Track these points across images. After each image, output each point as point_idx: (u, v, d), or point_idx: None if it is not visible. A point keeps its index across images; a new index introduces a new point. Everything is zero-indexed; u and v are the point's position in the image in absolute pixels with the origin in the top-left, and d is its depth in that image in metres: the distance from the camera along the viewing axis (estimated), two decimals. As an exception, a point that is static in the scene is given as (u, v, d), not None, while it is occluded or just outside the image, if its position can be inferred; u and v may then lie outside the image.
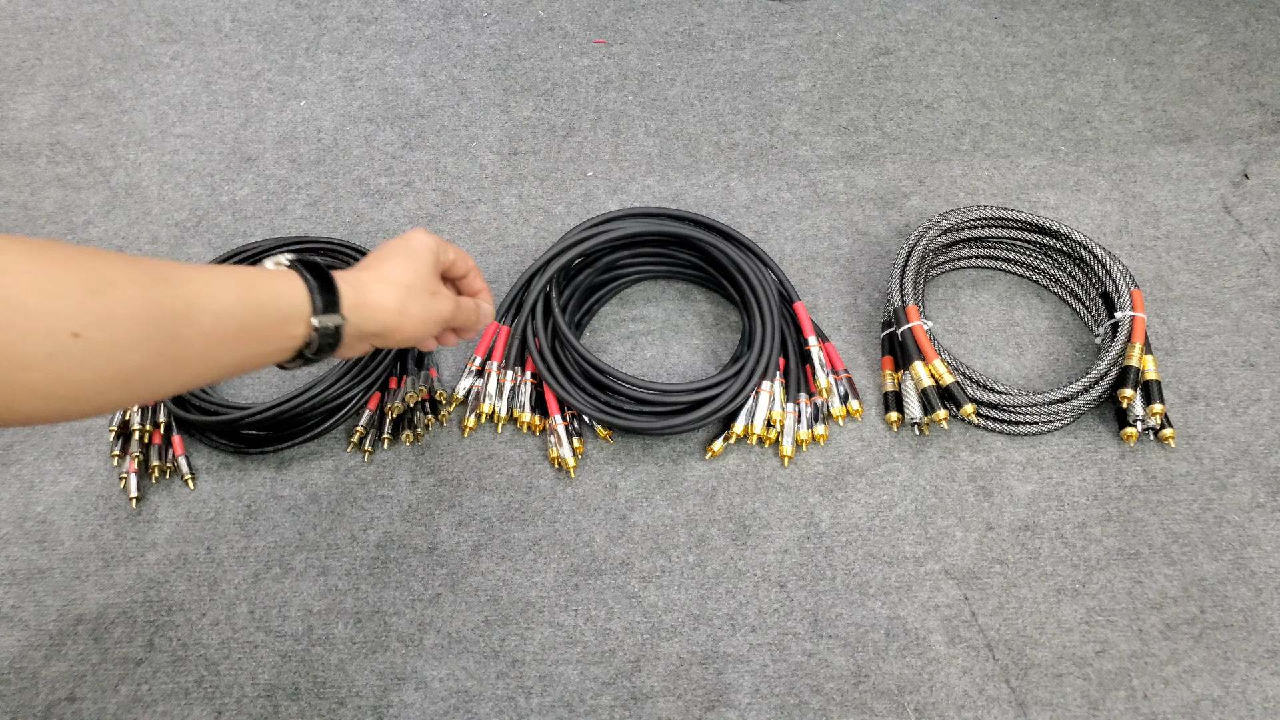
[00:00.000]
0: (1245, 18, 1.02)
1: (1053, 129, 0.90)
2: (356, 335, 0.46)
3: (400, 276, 0.49)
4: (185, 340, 0.38)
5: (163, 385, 0.39)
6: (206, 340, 0.39)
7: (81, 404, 0.35)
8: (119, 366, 0.35)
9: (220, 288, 0.40)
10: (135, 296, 0.36)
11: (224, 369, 0.41)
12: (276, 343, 0.43)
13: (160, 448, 0.64)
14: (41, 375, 0.33)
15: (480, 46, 1.00)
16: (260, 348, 0.42)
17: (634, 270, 0.75)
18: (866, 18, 1.03)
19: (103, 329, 0.34)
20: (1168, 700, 0.55)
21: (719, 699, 0.55)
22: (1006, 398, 0.64)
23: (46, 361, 0.33)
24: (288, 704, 0.55)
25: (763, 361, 0.65)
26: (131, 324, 0.35)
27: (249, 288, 0.41)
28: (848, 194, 0.84)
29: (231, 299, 0.40)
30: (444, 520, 0.63)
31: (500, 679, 0.56)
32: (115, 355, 0.35)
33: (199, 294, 0.38)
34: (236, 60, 0.98)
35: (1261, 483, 0.64)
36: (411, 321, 0.49)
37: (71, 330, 0.33)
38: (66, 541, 0.62)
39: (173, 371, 0.38)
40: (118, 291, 0.35)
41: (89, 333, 0.33)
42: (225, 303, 0.40)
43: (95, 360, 0.34)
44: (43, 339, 0.32)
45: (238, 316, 0.40)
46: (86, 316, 0.33)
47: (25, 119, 0.91)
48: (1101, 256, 0.70)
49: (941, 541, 0.62)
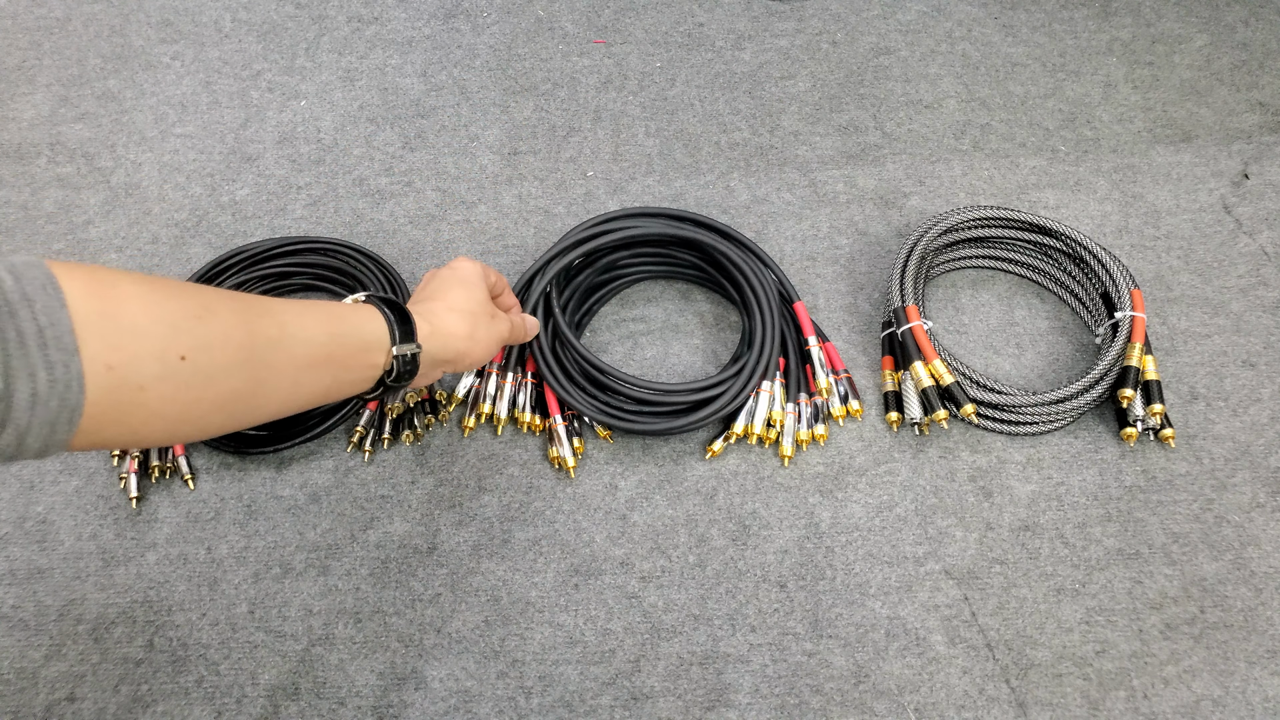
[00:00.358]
0: (1245, 18, 1.02)
1: (1053, 129, 0.90)
2: (431, 362, 0.50)
3: (465, 305, 0.53)
4: (277, 367, 0.41)
5: (256, 410, 0.41)
6: (296, 367, 0.42)
7: (186, 425, 0.38)
8: (219, 389, 0.38)
9: (308, 318, 0.43)
10: (235, 324, 0.38)
11: (311, 396, 0.44)
12: (359, 371, 0.46)
13: (160, 448, 0.64)
14: (154, 395, 0.35)
15: (480, 46, 1.00)
16: (344, 375, 0.45)
17: (634, 270, 0.75)
18: (866, 18, 1.03)
19: (206, 352, 0.37)
20: (1168, 700, 0.55)
21: (719, 699, 0.55)
22: (1006, 398, 0.64)
23: (158, 382, 0.35)
24: (288, 704, 0.55)
25: (763, 362, 0.65)
26: (232, 349, 0.38)
27: (334, 319, 0.45)
28: (848, 194, 0.84)
29: (318, 328, 0.43)
30: (444, 520, 0.63)
31: (500, 679, 0.56)
32: (217, 378, 0.37)
33: (290, 323, 0.41)
34: (236, 60, 0.98)
35: (1261, 483, 0.64)
36: (480, 347, 0.53)
37: (180, 353, 0.35)
38: (66, 541, 0.62)
39: (266, 396, 0.41)
40: (219, 319, 0.38)
41: (194, 355, 0.36)
42: (313, 332, 0.43)
43: (199, 381, 0.36)
44: (155, 360, 0.35)
45: (324, 344, 0.43)
46: (193, 340, 0.36)
47: (25, 119, 0.91)
48: (1101, 256, 0.70)
49: (941, 541, 0.62)
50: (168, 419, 0.36)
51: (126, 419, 0.35)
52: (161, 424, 0.36)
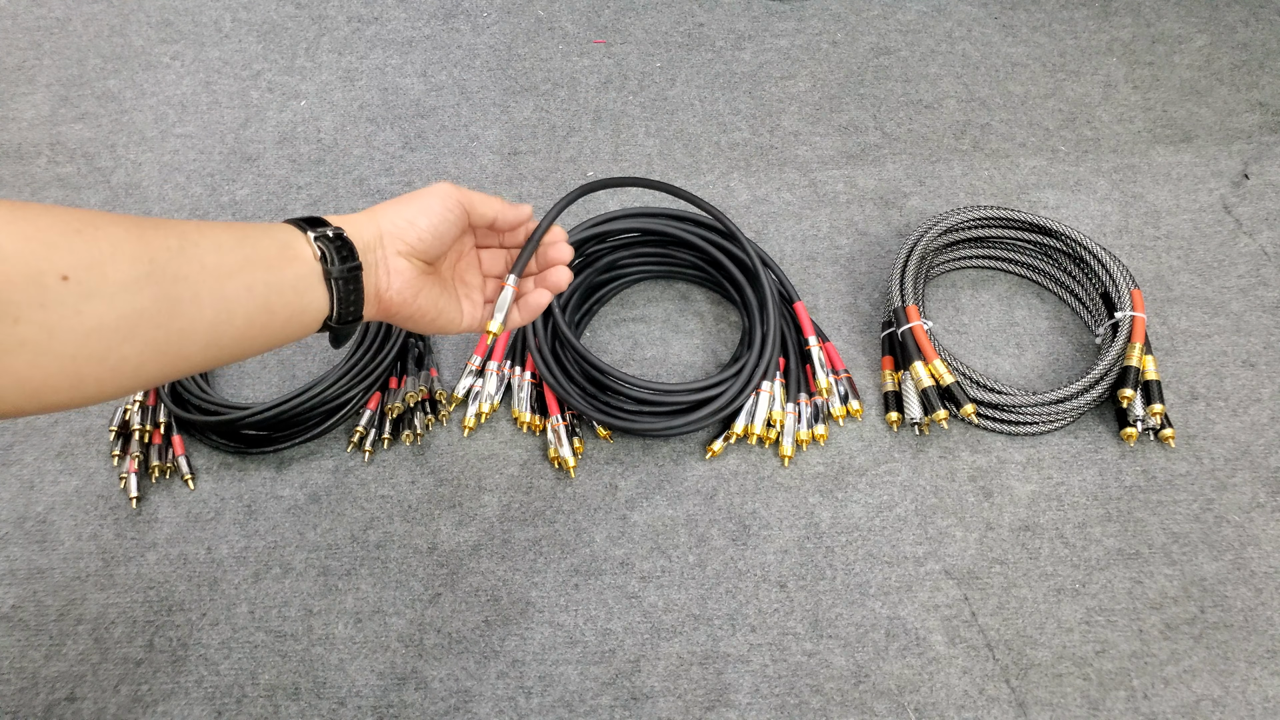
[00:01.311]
0: (1245, 18, 1.02)
1: (1053, 129, 0.90)
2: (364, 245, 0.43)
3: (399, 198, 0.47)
4: (189, 279, 0.35)
5: (182, 336, 0.35)
6: (212, 275, 0.36)
7: (93, 365, 0.32)
8: (120, 311, 0.32)
9: (212, 228, 0.38)
10: (122, 235, 0.33)
11: (249, 313, 0.38)
12: (290, 270, 0.40)
13: (160, 448, 0.64)
14: (35, 328, 0.30)
15: (480, 46, 1.00)
16: (273, 277, 0.39)
17: (634, 270, 0.75)
18: (866, 18, 1.03)
19: (94, 269, 0.31)
20: (1168, 700, 0.55)
21: (719, 699, 0.55)
22: (1006, 398, 0.64)
23: (38, 310, 0.30)
24: (288, 704, 0.55)
25: (763, 362, 0.65)
26: (124, 262, 0.32)
27: (238, 227, 0.40)
28: (848, 194, 0.84)
29: (224, 233, 0.38)
30: (444, 520, 0.63)
31: (500, 679, 0.56)
32: (115, 298, 0.32)
33: (189, 232, 0.36)
34: (236, 60, 0.98)
35: (1261, 483, 0.64)
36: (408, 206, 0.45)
37: (60, 273, 0.30)
38: (66, 541, 0.62)
39: (187, 315, 0.35)
40: (103, 231, 0.32)
41: (79, 274, 0.31)
42: (219, 236, 0.37)
43: (92, 305, 0.31)
44: (28, 285, 0.29)
45: (235, 247, 0.38)
46: (74, 257, 0.31)
47: (25, 119, 0.91)
48: (1101, 256, 0.70)
49: (941, 541, 0.62)
50: (60, 357, 0.31)
51: (6, 362, 0.29)
52: (55, 364, 0.31)
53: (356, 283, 0.42)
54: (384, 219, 0.45)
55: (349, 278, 0.42)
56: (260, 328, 0.39)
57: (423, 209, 0.46)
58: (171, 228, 0.36)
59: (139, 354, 0.34)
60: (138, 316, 0.33)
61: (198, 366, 0.38)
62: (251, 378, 0.71)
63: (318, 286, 0.41)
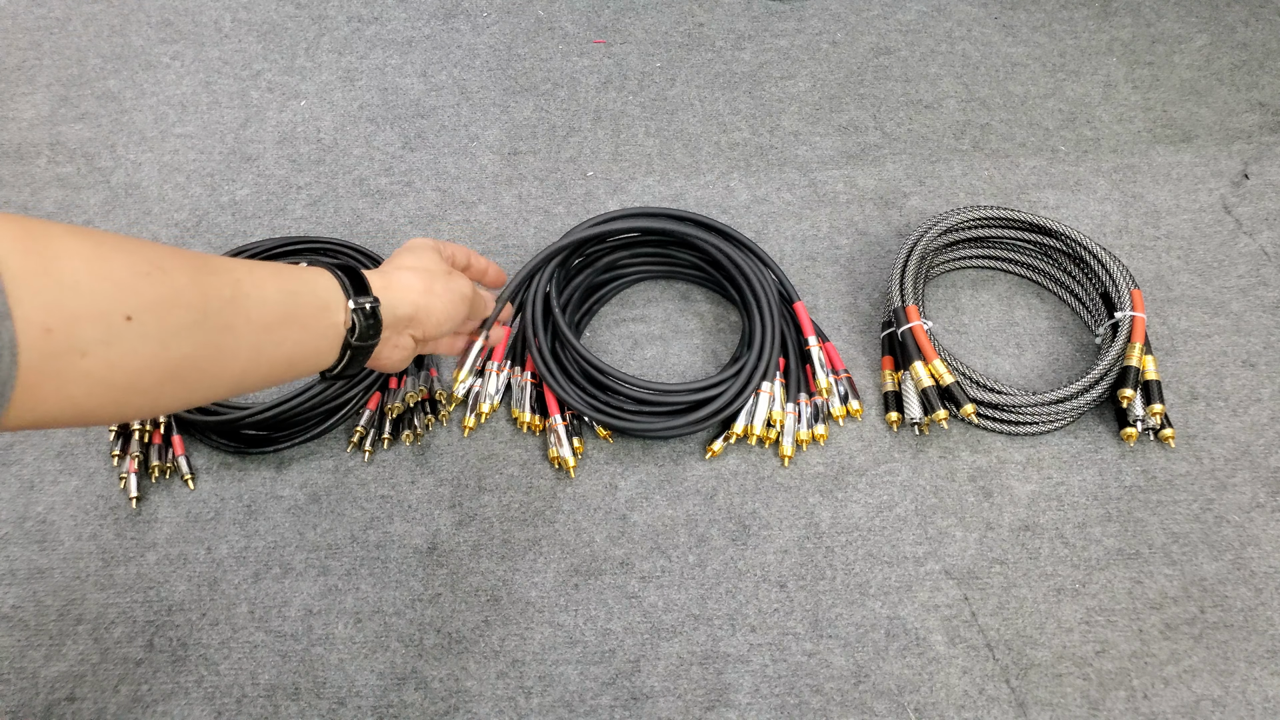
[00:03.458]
0: (1245, 18, 1.02)
1: (1053, 129, 0.90)
2: (393, 321, 0.47)
3: (416, 263, 0.51)
4: (234, 329, 0.37)
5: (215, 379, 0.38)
6: (254, 329, 0.39)
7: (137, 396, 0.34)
8: (171, 355, 0.34)
9: (261, 275, 0.40)
10: (186, 282, 0.35)
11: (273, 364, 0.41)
12: (319, 332, 0.43)
13: (160, 448, 0.64)
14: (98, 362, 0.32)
15: (480, 46, 1.00)
16: (305, 338, 0.42)
17: (634, 270, 0.75)
18: (866, 18, 1.03)
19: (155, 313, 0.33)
20: (1168, 700, 0.55)
21: (719, 699, 0.55)
22: (1006, 398, 0.64)
23: (101, 347, 0.31)
24: (288, 704, 0.55)
25: (763, 362, 0.65)
26: (183, 309, 0.35)
27: (287, 277, 0.42)
28: (848, 194, 0.84)
29: (273, 286, 0.40)
30: (444, 520, 0.63)
31: (500, 679, 0.56)
32: (168, 342, 0.34)
33: (243, 280, 0.38)
34: (236, 60, 0.98)
35: (1261, 483, 0.64)
36: (440, 301, 0.50)
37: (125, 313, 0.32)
38: (66, 541, 0.62)
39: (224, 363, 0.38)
40: (168, 276, 0.34)
41: (141, 316, 0.33)
42: (268, 289, 0.39)
43: (149, 346, 0.33)
44: (97, 322, 0.31)
45: (281, 303, 0.40)
46: (140, 299, 0.33)
47: (25, 119, 0.91)
48: (1101, 256, 0.70)
49: (941, 541, 0.62)
50: (114, 388, 0.33)
51: (68, 389, 0.31)
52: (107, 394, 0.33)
53: (368, 354, 0.46)
54: (421, 302, 0.49)
55: (365, 350, 0.46)
56: (278, 376, 0.42)
57: (452, 309, 0.52)
58: (228, 274, 0.38)
59: (177, 390, 0.36)
60: (183, 359, 0.35)
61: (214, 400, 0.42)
62: (251, 378, 0.71)
63: (335, 349, 0.44)
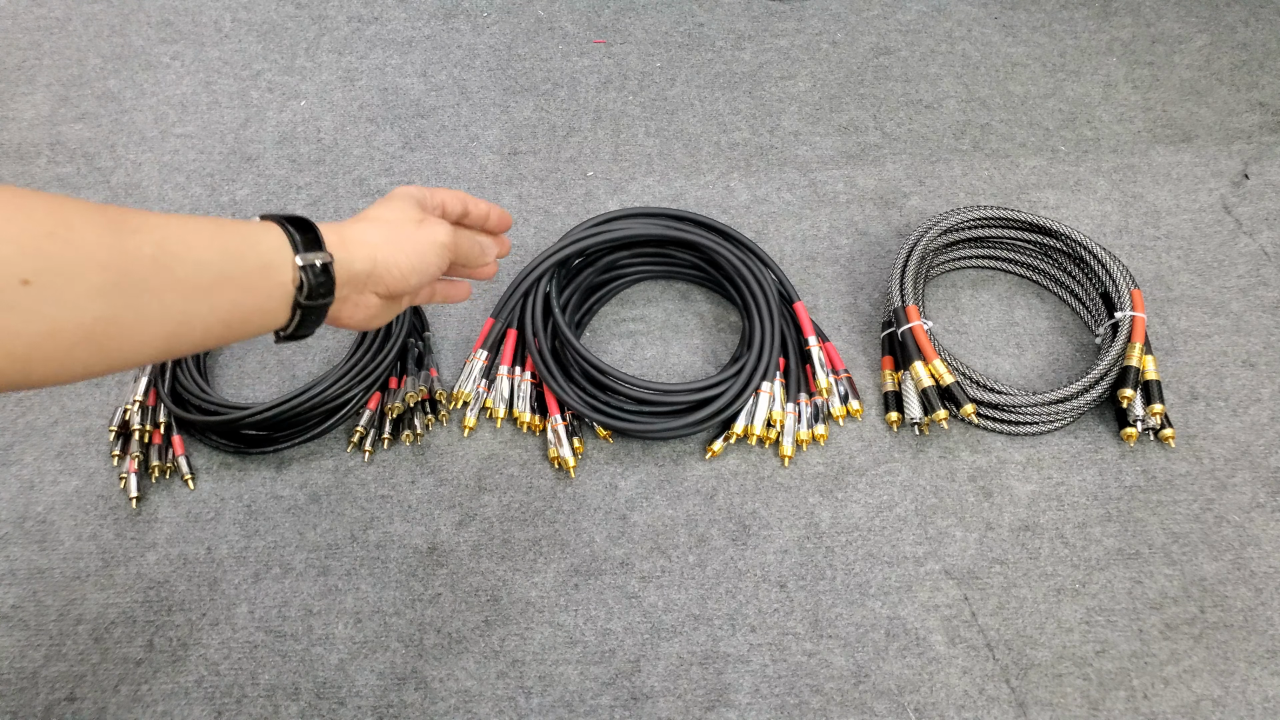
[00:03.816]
0: (1245, 18, 1.02)
1: (1053, 129, 0.90)
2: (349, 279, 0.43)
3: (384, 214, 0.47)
4: (158, 291, 0.35)
5: (137, 344, 0.35)
6: (182, 291, 0.35)
7: (44, 364, 0.32)
8: (82, 319, 0.32)
9: (193, 234, 0.36)
10: (96, 241, 0.32)
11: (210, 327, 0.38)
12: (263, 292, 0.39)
13: (160, 448, 0.64)
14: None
15: (480, 46, 1.00)
16: (246, 299, 0.38)
17: (634, 270, 0.75)
18: (866, 18, 1.03)
19: (59, 276, 0.31)
20: (1168, 700, 0.55)
21: (719, 699, 0.55)
22: (1006, 398, 0.64)
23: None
24: (288, 704, 0.55)
25: (763, 362, 0.65)
26: (93, 271, 0.32)
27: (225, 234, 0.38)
28: (848, 194, 0.84)
29: (207, 245, 0.37)
30: (444, 520, 0.63)
31: (500, 679, 0.56)
32: (76, 305, 0.32)
33: (170, 239, 0.35)
34: (236, 60, 0.98)
35: (1261, 483, 0.64)
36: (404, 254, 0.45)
37: (22, 277, 0.30)
38: (66, 541, 0.62)
39: (145, 328, 0.35)
40: (75, 235, 0.32)
41: (42, 280, 0.30)
42: (200, 249, 0.36)
43: (52, 311, 0.31)
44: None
45: (215, 264, 0.37)
46: (39, 262, 0.30)
47: (25, 119, 0.91)
48: (1101, 256, 0.70)
49: (941, 541, 0.62)
50: (14, 356, 0.31)
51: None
52: (7, 362, 0.31)
53: (322, 313, 0.42)
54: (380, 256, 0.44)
55: (318, 309, 0.42)
56: (217, 337, 0.39)
57: (419, 261, 0.46)
58: (150, 233, 0.35)
59: (90, 356, 0.34)
60: (95, 324, 0.33)
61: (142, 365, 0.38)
62: (251, 378, 0.71)
63: (284, 309, 0.40)
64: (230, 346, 0.72)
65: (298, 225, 0.41)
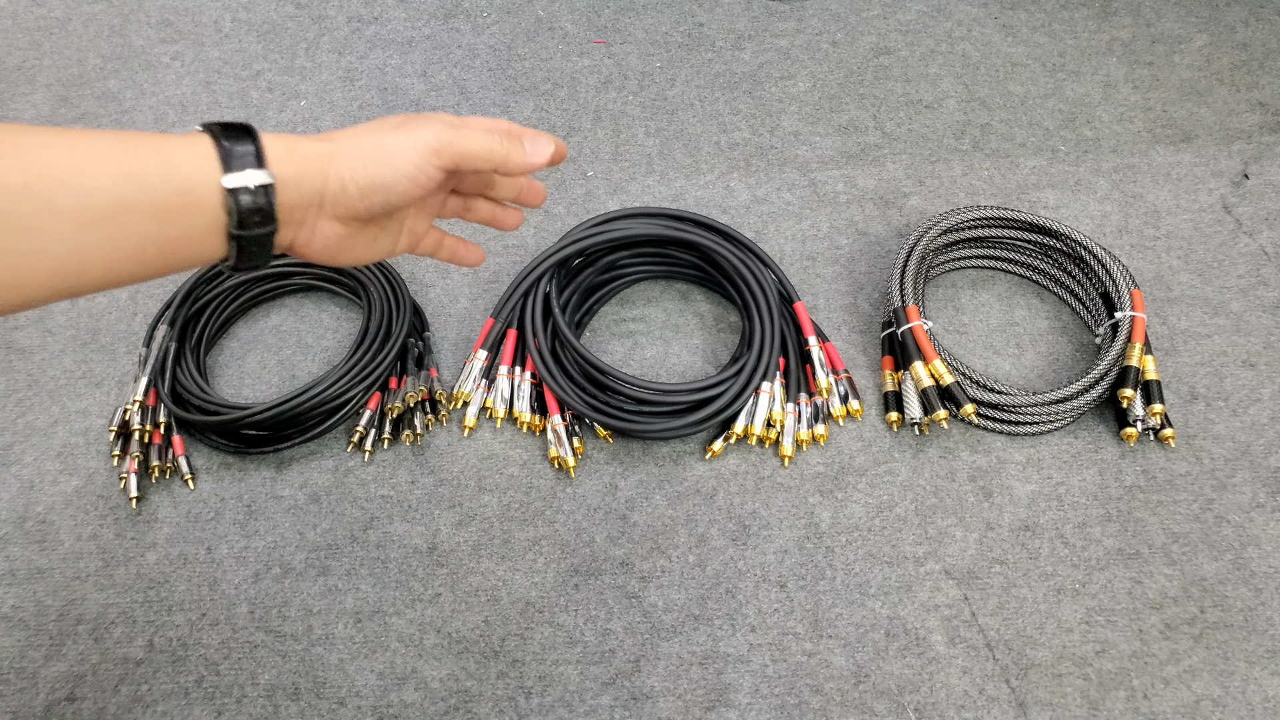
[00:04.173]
0: (1245, 18, 1.02)
1: (1053, 129, 0.90)
2: (298, 201, 0.36)
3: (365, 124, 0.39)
4: (34, 227, 0.30)
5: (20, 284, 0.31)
6: (68, 224, 0.31)
7: None
8: None
9: (88, 157, 0.31)
10: None
11: (116, 263, 0.32)
12: (182, 222, 0.33)
13: (160, 448, 0.64)
14: None
15: (480, 46, 1.00)
16: (158, 229, 0.33)
17: (634, 270, 0.75)
18: (866, 18, 1.03)
19: None
20: (1168, 700, 0.55)
21: (719, 699, 0.55)
22: (1006, 398, 0.64)
23: None
24: (288, 704, 0.55)
25: (763, 362, 0.65)
26: None
27: (130, 152, 0.32)
28: (848, 194, 0.84)
29: (100, 168, 0.31)
30: (444, 520, 0.63)
31: (500, 679, 0.56)
32: None
33: (51, 164, 0.30)
34: (236, 60, 0.98)
35: (1261, 483, 0.64)
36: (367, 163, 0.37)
37: None
38: (66, 541, 0.62)
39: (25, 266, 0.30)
40: None
41: None
42: (92, 175, 0.31)
43: None
44: None
45: (112, 190, 0.31)
46: None
47: (25, 119, 0.91)
48: (1101, 256, 0.70)
49: (941, 541, 0.62)
50: None
51: None
52: None
53: (266, 243, 0.36)
54: (342, 167, 0.37)
55: (259, 240, 0.35)
56: (129, 275, 0.34)
57: (388, 172, 0.37)
58: (22, 157, 0.30)
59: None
60: None
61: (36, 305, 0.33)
62: (251, 378, 0.71)
63: (215, 239, 0.35)
64: (229, 346, 0.72)
65: (235, 136, 0.34)
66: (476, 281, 0.77)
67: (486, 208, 0.48)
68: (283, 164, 0.35)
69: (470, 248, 0.50)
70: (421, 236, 0.46)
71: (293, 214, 0.36)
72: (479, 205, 0.48)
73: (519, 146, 0.40)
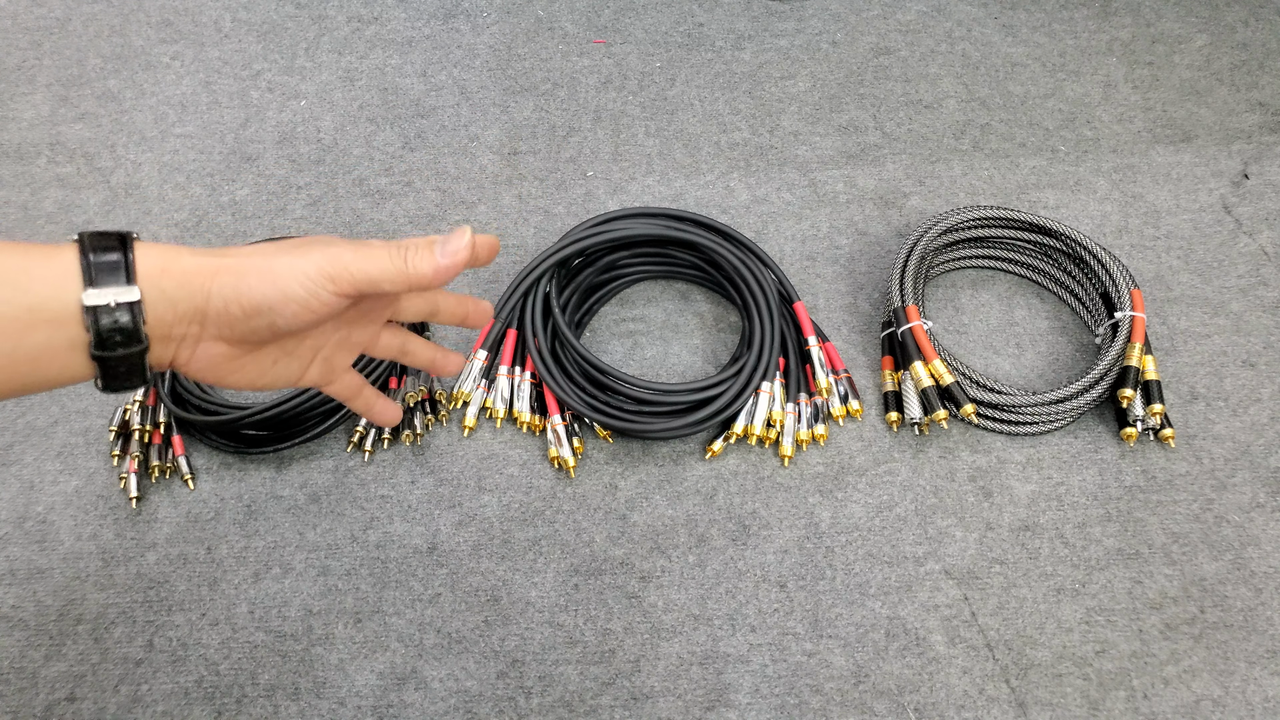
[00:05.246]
0: (1245, 18, 1.02)
1: (1053, 129, 0.90)
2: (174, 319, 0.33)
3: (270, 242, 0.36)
4: None
5: None
6: None
7: None
8: None
9: None
10: None
11: None
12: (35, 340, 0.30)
13: (160, 448, 0.64)
14: None
15: (480, 46, 1.00)
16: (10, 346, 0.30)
17: (634, 270, 0.75)
18: (866, 18, 1.03)
19: None
20: (1168, 700, 0.55)
21: (719, 699, 0.55)
22: (1006, 398, 0.64)
23: None
24: (288, 704, 0.55)
25: (763, 362, 0.65)
26: None
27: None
28: (848, 194, 0.84)
29: None
30: (444, 520, 0.63)
31: (500, 679, 0.56)
32: None
33: None
34: (236, 60, 0.98)
35: (1261, 483, 0.64)
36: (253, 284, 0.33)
37: None
38: (66, 541, 0.62)
39: None
40: None
41: None
42: None
43: None
44: None
45: None
46: None
47: (25, 119, 0.91)
48: (1101, 256, 0.70)
49: (941, 541, 0.62)
50: None
51: None
52: None
53: (135, 364, 0.33)
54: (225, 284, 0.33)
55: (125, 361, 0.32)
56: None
57: (273, 294, 0.34)
58: None
59: None
60: None
61: None
62: (251, 378, 0.71)
63: (76, 359, 0.32)
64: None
65: (104, 247, 0.31)
66: (477, 282, 0.77)
67: (426, 352, 0.45)
68: (157, 278, 0.32)
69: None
70: (339, 372, 0.42)
71: (170, 330, 0.33)
72: (416, 349, 0.45)
73: (424, 252, 0.36)
